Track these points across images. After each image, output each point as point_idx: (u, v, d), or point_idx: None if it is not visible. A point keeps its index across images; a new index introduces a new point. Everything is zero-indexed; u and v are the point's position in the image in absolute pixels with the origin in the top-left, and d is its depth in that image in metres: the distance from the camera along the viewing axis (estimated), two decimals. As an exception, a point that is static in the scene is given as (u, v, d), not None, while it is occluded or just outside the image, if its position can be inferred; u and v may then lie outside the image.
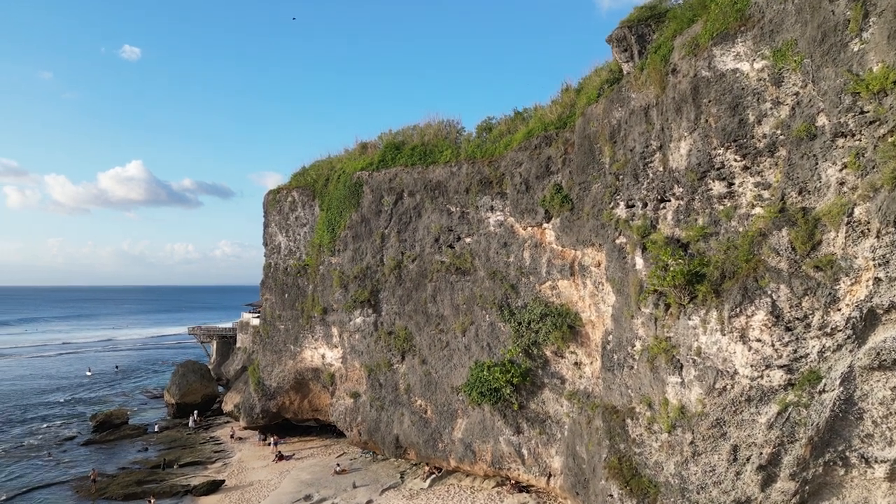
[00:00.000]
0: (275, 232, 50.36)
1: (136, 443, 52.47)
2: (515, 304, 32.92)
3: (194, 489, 39.11)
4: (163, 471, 43.82)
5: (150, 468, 44.66)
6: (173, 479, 41.77)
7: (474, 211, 35.26)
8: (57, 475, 43.71)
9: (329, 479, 39.42)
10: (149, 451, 49.62)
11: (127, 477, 42.11)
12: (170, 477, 42.26)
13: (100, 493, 39.13)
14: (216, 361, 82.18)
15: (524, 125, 33.70)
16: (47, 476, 43.59)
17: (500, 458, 34.00)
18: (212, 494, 38.49)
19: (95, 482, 40.73)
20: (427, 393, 37.94)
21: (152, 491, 38.43)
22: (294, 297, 47.89)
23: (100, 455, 49.01)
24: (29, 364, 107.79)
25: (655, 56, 23.47)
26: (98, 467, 44.01)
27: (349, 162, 44.49)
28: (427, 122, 40.91)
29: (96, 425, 56.75)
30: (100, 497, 38.62)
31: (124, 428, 56.55)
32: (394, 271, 39.95)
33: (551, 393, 31.65)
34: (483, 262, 34.73)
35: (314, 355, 46.39)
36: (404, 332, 39.39)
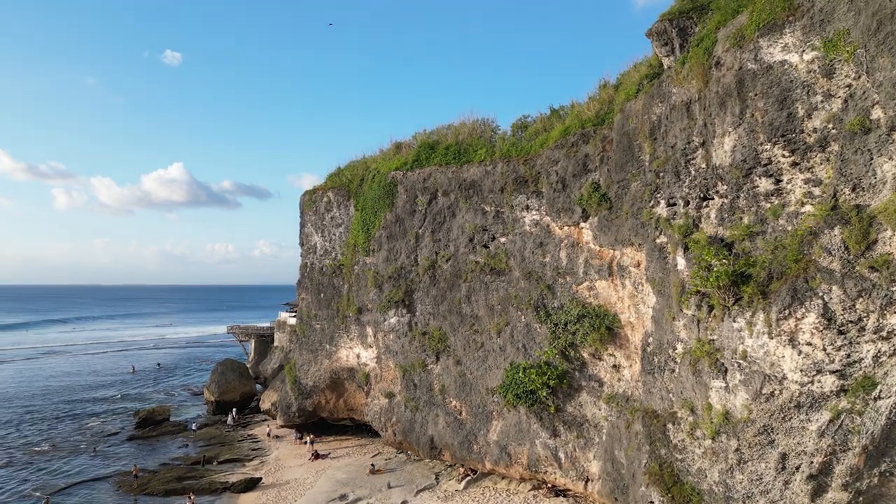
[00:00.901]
0: (311, 232, 50.78)
1: (177, 439, 53.54)
2: (552, 304, 32.37)
3: (232, 486, 39.62)
4: (202, 467, 44.57)
5: (189, 465, 45.46)
6: (212, 475, 42.43)
7: (509, 210, 34.82)
8: (101, 470, 44.86)
9: (364, 479, 39.48)
10: (189, 448, 50.56)
11: (167, 473, 42.94)
12: (209, 474, 42.95)
13: (141, 488, 39.97)
14: (254, 360, 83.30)
15: (560, 123, 33.12)
16: (92, 471, 44.76)
17: (536, 461, 33.50)
18: (249, 492, 38.94)
19: (137, 477, 41.66)
20: (462, 394, 37.66)
21: (192, 487, 39.06)
22: (330, 296, 48.19)
23: (142, 451, 50.16)
24: (77, 361, 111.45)
25: (698, 49, 22.71)
26: (140, 463, 45.03)
27: (383, 162, 44.53)
28: (461, 121, 40.67)
29: (139, 421, 58.16)
30: (141, 492, 39.44)
31: (165, 424, 57.81)
32: (428, 271, 39.79)
33: (589, 396, 31.01)
34: (518, 262, 34.26)
35: (349, 355, 46.59)
36: (438, 332, 39.19)
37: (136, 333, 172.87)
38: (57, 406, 68.58)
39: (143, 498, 38.77)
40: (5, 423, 60.24)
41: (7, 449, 50.74)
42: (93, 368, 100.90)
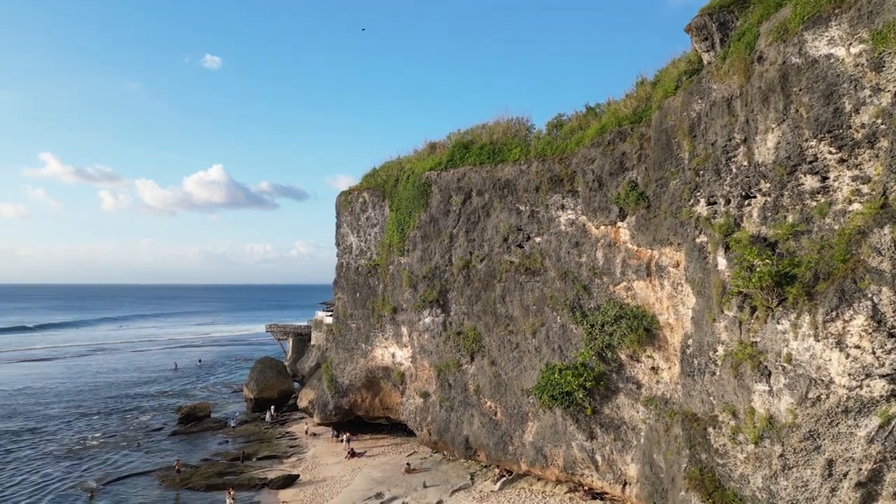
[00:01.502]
0: (346, 232, 51.31)
1: (218, 435, 54.75)
2: (588, 305, 31.99)
3: (271, 482, 40.30)
4: (242, 463, 45.49)
5: (230, 460, 46.44)
6: (251, 471, 43.26)
7: (544, 210, 34.55)
8: (145, 464, 46.19)
9: (399, 478, 39.70)
10: (229, 444, 51.63)
11: (209, 468, 43.94)
12: (248, 469, 43.80)
13: (183, 482, 41.00)
14: (292, 358, 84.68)
15: (597, 121, 32.71)
16: (137, 465, 46.11)
17: (572, 463, 33.17)
18: (287, 488, 39.54)
19: (180, 472, 42.75)
20: (497, 394, 37.54)
21: (232, 483, 39.87)
22: (365, 296, 48.61)
23: (184, 446, 51.44)
24: (123, 358, 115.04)
25: (739, 44, 22.13)
26: (182, 458, 46.19)
27: (418, 162, 44.70)
28: (496, 121, 40.50)
29: (181, 417, 59.66)
30: (183, 487, 40.44)
31: (207, 421, 59.17)
32: (462, 271, 39.78)
33: (626, 398, 30.55)
34: (554, 262, 33.97)
35: (385, 354, 46.91)
36: (473, 332, 39.13)
37: (178, 331, 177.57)
38: (104, 401, 70.91)
39: (185, 492, 39.74)
40: (58, 417, 62.55)
41: (59, 443, 52.65)
42: (138, 365, 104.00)
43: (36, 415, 63.48)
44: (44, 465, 46.00)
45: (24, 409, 66.49)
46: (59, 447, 50.95)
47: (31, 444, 52.04)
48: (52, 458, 47.83)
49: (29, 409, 65.97)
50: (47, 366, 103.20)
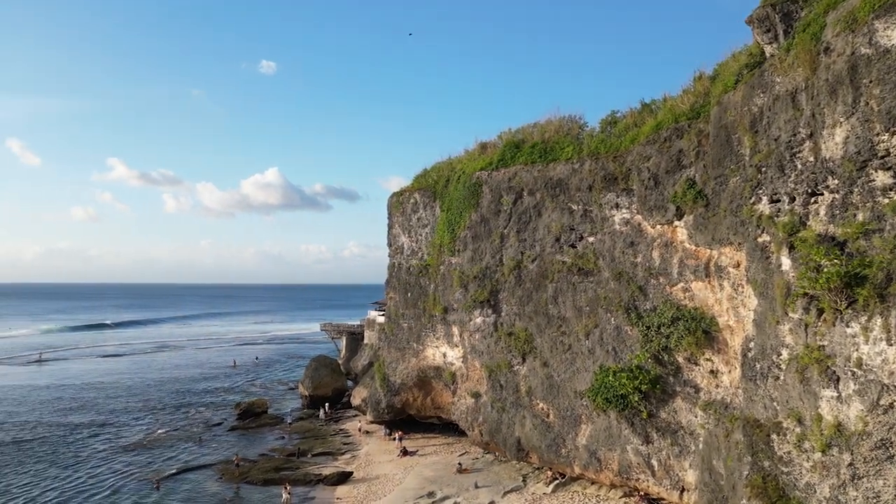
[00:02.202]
0: (398, 233, 51.80)
1: (274, 431, 56.22)
2: (643, 306, 31.27)
3: (325, 479, 41.07)
4: (297, 459, 46.56)
5: (286, 456, 47.58)
6: (306, 467, 44.21)
7: (598, 209, 33.97)
8: (206, 458, 47.85)
9: (451, 478, 39.80)
10: (285, 440, 52.93)
11: (266, 463, 45.15)
12: (303, 465, 44.79)
13: (242, 477, 42.26)
14: (345, 357, 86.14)
15: (652, 117, 31.90)
16: (198, 458, 47.83)
17: (627, 467, 32.49)
18: (341, 485, 40.22)
19: (238, 466, 44.10)
20: (549, 396, 37.14)
21: (288, 478, 40.83)
22: (416, 296, 48.95)
23: (242, 441, 53.03)
24: (184, 355, 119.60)
25: (804, 35, 21.18)
26: (241, 453, 47.65)
27: (468, 162, 44.70)
28: (548, 119, 40.05)
29: (240, 413, 61.55)
30: (242, 481, 41.68)
31: (264, 417, 60.85)
32: (513, 271, 39.53)
33: (684, 402, 29.70)
34: (608, 263, 33.35)
35: (436, 354, 47.12)
36: (524, 333, 38.83)
37: (237, 330, 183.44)
38: (168, 396, 73.88)
39: (243, 486, 40.95)
40: (125, 411, 65.58)
41: (128, 436, 55.16)
42: (199, 362, 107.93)
43: (106, 408, 66.71)
44: (114, 456, 48.26)
45: (95, 402, 69.99)
46: (127, 440, 53.34)
47: (102, 436, 54.69)
48: (121, 450, 50.12)
49: (100, 403, 69.40)
50: (116, 362, 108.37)
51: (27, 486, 41.15)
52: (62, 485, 41.51)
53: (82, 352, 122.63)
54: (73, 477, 43.14)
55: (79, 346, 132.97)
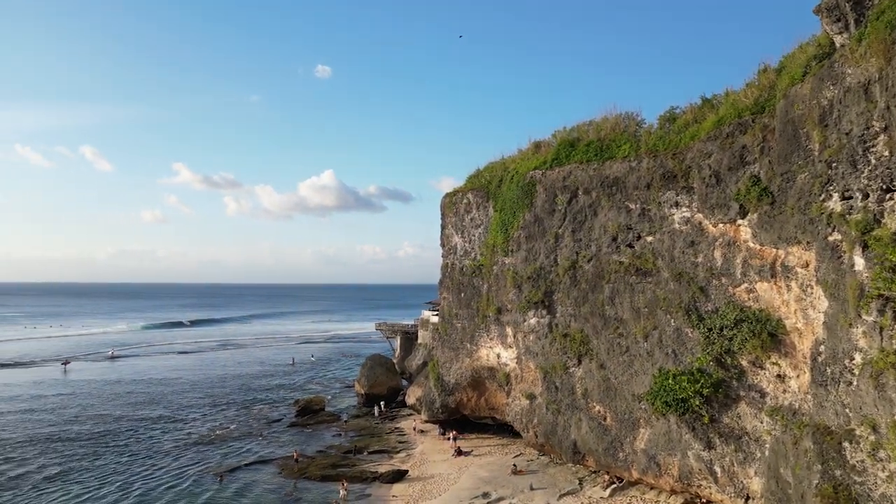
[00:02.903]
0: (451, 233, 51.95)
1: (331, 428, 57.39)
2: (705, 308, 30.31)
3: (381, 476, 41.61)
4: (353, 456, 47.36)
5: (343, 453, 48.49)
6: (363, 464, 44.92)
7: (656, 207, 33.14)
8: (267, 453, 49.27)
9: (506, 479, 39.63)
10: (342, 438, 53.93)
11: (323, 460, 46.12)
12: (360, 463, 45.52)
13: (301, 472, 43.30)
14: (400, 356, 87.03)
15: (713, 113, 30.87)
16: (259, 453, 49.30)
17: (688, 473, 31.57)
18: (397, 483, 40.66)
19: (297, 462, 45.23)
20: (606, 399, 36.48)
21: (345, 475, 41.58)
22: (470, 296, 48.97)
23: (301, 437, 54.34)
24: (246, 353, 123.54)
25: (878, 23, 20.07)
26: (299, 449, 48.85)
27: (522, 162, 44.40)
28: (603, 117, 39.31)
29: (298, 410, 63.14)
30: (301, 476, 42.71)
31: (321, 414, 62.18)
32: (568, 272, 39.02)
33: (749, 407, 28.62)
34: (667, 263, 32.49)
35: (489, 354, 47.02)
36: (580, 334, 38.27)
37: (295, 328, 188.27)
38: (230, 393, 76.48)
39: (302, 481, 41.95)
40: (190, 406, 68.28)
41: (193, 430, 57.40)
42: (259, 360, 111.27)
43: (173, 403, 69.63)
44: (181, 450, 50.31)
45: (163, 397, 73.17)
46: (193, 434, 55.51)
47: (169, 431, 57.10)
48: (187, 444, 52.20)
49: (168, 399, 72.50)
50: (183, 358, 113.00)
51: (104, 477, 43.36)
52: (135, 476, 43.54)
53: (151, 349, 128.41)
54: (143, 469, 45.21)
55: (149, 343, 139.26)
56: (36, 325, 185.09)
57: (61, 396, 73.08)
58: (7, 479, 42.46)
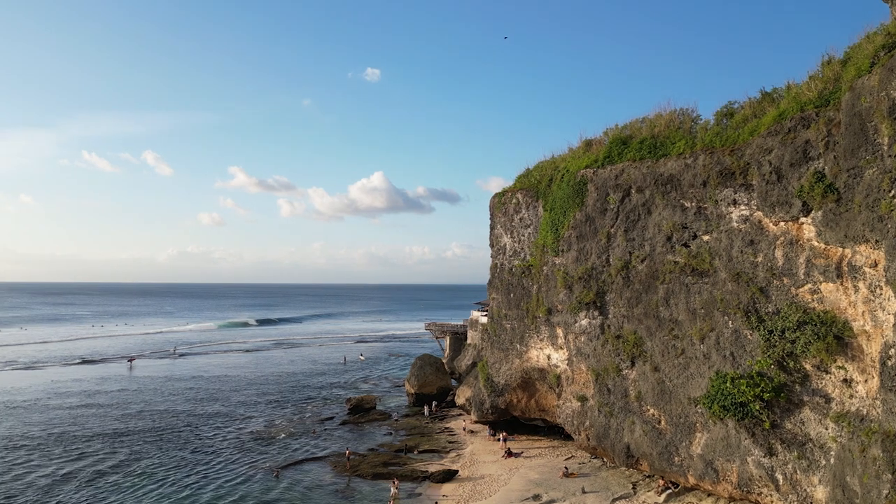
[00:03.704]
0: (500, 233, 51.76)
1: (382, 427, 58.02)
2: (765, 309, 29.24)
3: (432, 476, 41.81)
4: (404, 455, 47.74)
5: (393, 451, 48.96)
6: (413, 463, 45.23)
7: (713, 205, 32.17)
8: (320, 450, 50.22)
9: (557, 482, 39.22)
10: (392, 436, 54.46)
11: (375, 458, 46.67)
12: (410, 461, 45.86)
13: (353, 470, 43.95)
14: (449, 356, 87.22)
15: (774, 107, 29.75)
16: (313, 450, 50.29)
17: (747, 480, 30.51)
18: (447, 483, 40.78)
19: (350, 459, 45.91)
20: (660, 402, 35.64)
21: (396, 473, 41.98)
22: (519, 296, 48.67)
23: (352, 435, 55.16)
24: (299, 352, 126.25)
25: (956, 6, 18.94)
26: (351, 447, 49.59)
27: (573, 160, 43.84)
28: (657, 113, 38.43)
29: (350, 408, 64.12)
30: (353, 474, 43.35)
31: (372, 413, 62.97)
32: (621, 272, 38.30)
33: (812, 413, 27.45)
34: (724, 263, 31.50)
35: (539, 355, 46.61)
36: (633, 336, 37.51)
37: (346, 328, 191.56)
38: (285, 391, 78.34)
39: (354, 479, 42.56)
40: (246, 403, 70.25)
41: (248, 427, 59.04)
42: (312, 359, 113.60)
43: (231, 400, 71.82)
44: (238, 446, 51.84)
45: (221, 394, 75.54)
46: (249, 430, 57.10)
47: (226, 426, 58.90)
48: (244, 440, 53.72)
49: (224, 395, 74.82)
50: (241, 357, 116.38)
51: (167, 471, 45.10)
52: (194, 471, 45.09)
53: (211, 347, 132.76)
54: (202, 463, 46.76)
55: (210, 341, 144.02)
56: (103, 324, 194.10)
57: (126, 392, 76.40)
58: (85, 474, 44.63)
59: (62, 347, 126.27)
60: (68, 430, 56.22)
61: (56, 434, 54.91)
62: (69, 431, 55.91)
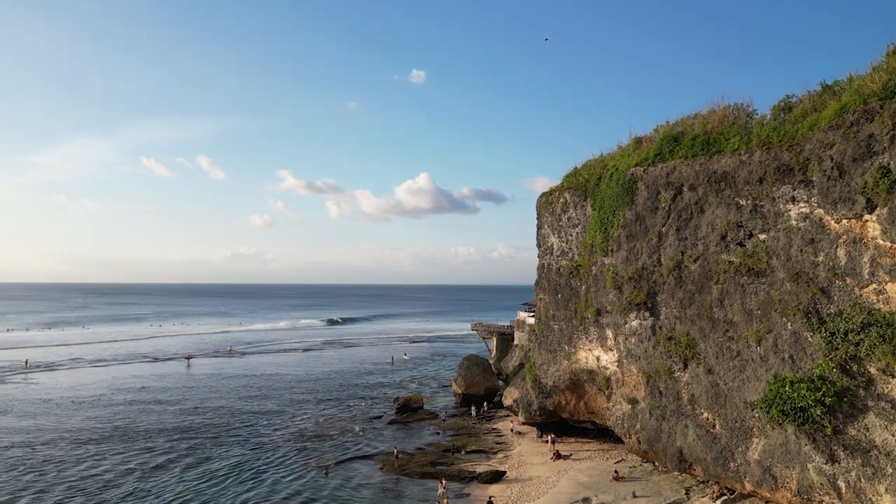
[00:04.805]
0: (547, 233, 51.31)
1: (430, 427, 58.32)
2: (826, 310, 28.07)
3: (479, 476, 41.76)
4: (452, 455, 47.86)
5: (441, 451, 49.13)
6: (461, 464, 45.28)
7: (770, 203, 31.08)
8: (369, 448, 50.84)
9: (607, 485, 38.61)
10: (440, 436, 54.67)
11: (422, 457, 46.93)
12: (458, 462, 45.92)
13: (401, 468, 44.30)
14: (496, 357, 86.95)
15: (835, 100, 28.56)
16: (361, 448, 50.95)
17: (808, 488, 29.34)
18: (494, 484, 40.63)
19: (398, 458, 46.29)
20: (715, 406, 34.64)
21: (443, 473, 42.10)
22: (567, 297, 48.13)
23: (400, 434, 55.63)
24: (347, 352, 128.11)
25: None
26: (399, 446, 49.99)
27: (622, 158, 43.11)
28: (710, 109, 37.38)
29: (398, 407, 64.70)
30: (401, 472, 43.69)
31: (420, 412, 63.36)
32: (673, 272, 37.42)
33: (878, 419, 26.19)
34: (783, 262, 30.39)
35: (588, 357, 45.98)
36: (686, 338, 36.58)
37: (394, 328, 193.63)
38: (334, 390, 79.70)
39: (402, 477, 42.90)
40: (297, 401, 71.82)
41: (299, 424, 60.29)
42: (360, 358, 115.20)
43: (283, 398, 73.54)
44: (289, 443, 52.97)
45: (272, 392, 77.43)
46: (299, 428, 58.30)
47: (278, 423, 60.31)
48: (294, 437, 54.87)
49: (277, 393, 76.67)
50: (289, 356, 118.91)
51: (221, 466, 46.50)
52: (247, 467, 46.33)
53: (263, 347, 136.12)
54: (254, 459, 48.00)
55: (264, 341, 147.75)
56: (161, 323, 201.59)
57: (184, 389, 79.13)
58: (147, 468, 46.45)
59: (124, 346, 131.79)
60: (131, 425, 58.62)
61: (120, 429, 57.32)
62: (132, 426, 58.30)
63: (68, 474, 43.64)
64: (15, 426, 57.88)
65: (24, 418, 61.32)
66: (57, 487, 40.87)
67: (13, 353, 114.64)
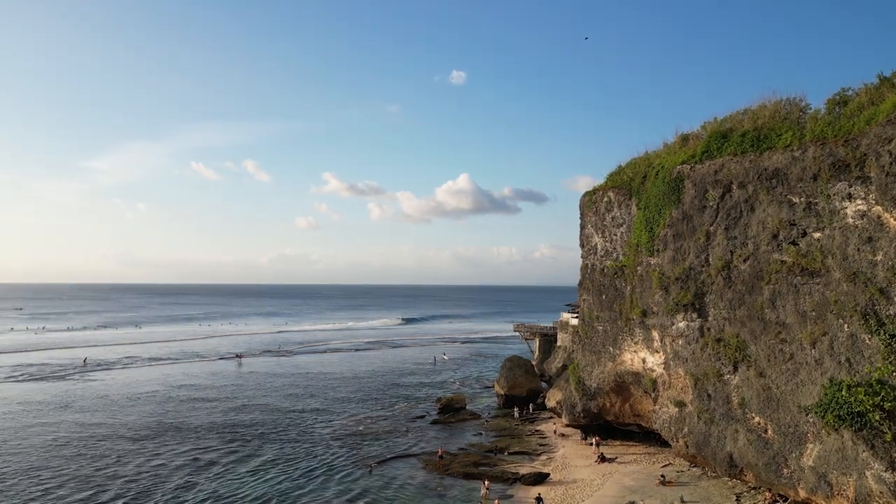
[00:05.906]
0: (591, 233, 50.67)
1: (472, 427, 58.33)
2: (886, 311, 26.89)
3: (522, 478, 41.53)
4: (494, 456, 47.75)
5: (484, 452, 49.06)
6: (504, 465, 45.13)
7: (825, 201, 29.97)
8: (412, 448, 51.17)
9: (653, 489, 37.89)
10: (482, 437, 54.62)
11: (465, 458, 46.96)
12: (501, 463, 45.79)
13: (444, 468, 44.43)
14: (539, 358, 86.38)
15: (893, 93, 27.40)
16: (405, 447, 51.32)
17: (866, 495, 28.14)
18: (538, 486, 40.32)
19: (441, 458, 46.45)
20: (766, 410, 33.58)
21: (487, 474, 42.03)
22: (611, 298, 47.43)
23: (443, 434, 55.80)
24: (389, 353, 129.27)
25: None
26: (443, 446, 50.15)
27: (668, 156, 42.25)
28: (760, 104, 36.30)
29: (441, 408, 64.88)
30: (444, 472, 43.81)
31: (462, 412, 63.43)
32: (721, 272, 36.46)
33: (944, 425, 24.95)
34: (838, 262, 29.26)
35: (634, 359, 45.19)
36: (736, 339, 35.58)
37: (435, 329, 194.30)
38: (377, 389, 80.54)
39: (445, 477, 43.01)
40: (341, 400, 72.91)
41: (343, 423, 61.17)
42: (402, 358, 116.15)
43: (328, 397, 74.76)
44: (334, 441, 53.80)
45: (318, 391, 78.78)
46: (344, 426, 59.14)
47: (323, 422, 61.31)
48: (339, 435, 55.69)
49: (321, 392, 77.97)
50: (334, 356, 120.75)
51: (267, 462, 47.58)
52: (294, 464, 47.26)
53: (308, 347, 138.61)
54: (300, 456, 48.91)
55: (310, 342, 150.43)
56: (210, 323, 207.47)
57: (234, 387, 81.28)
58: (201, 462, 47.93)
59: (177, 345, 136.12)
60: (184, 422, 60.51)
61: (173, 425, 59.24)
62: (185, 423, 60.17)
63: (126, 469, 45.27)
64: (75, 421, 60.49)
65: (84, 413, 64.03)
66: (116, 481, 42.49)
67: (73, 351, 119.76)
